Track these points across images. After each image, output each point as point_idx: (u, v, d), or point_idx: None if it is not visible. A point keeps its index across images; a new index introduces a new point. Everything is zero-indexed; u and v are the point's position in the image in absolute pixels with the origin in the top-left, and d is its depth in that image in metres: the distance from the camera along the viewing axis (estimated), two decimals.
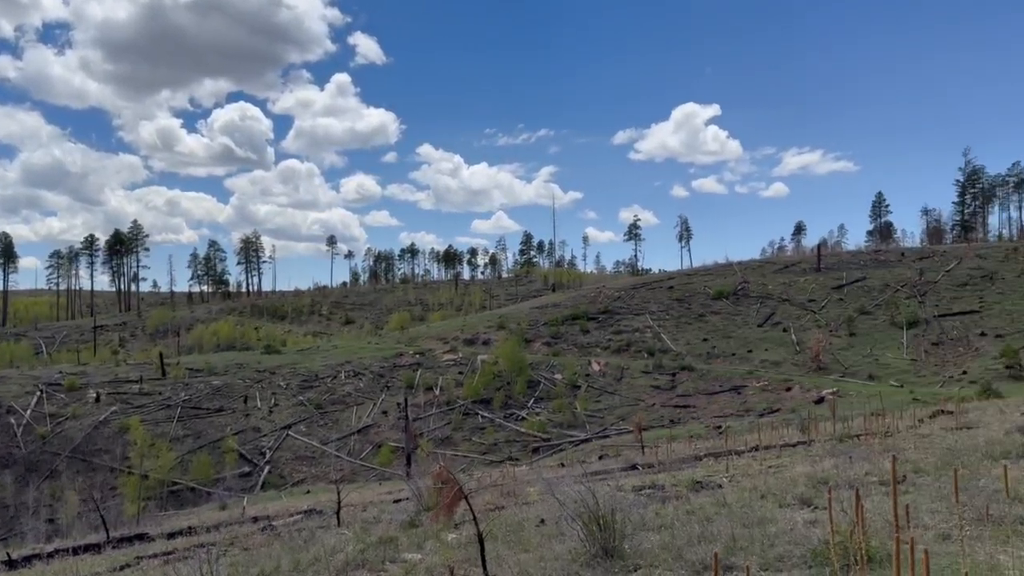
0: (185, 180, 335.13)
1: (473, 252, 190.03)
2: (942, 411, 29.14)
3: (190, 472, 50.07)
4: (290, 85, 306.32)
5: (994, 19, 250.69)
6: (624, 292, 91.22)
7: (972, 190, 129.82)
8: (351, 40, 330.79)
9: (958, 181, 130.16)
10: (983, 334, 65.63)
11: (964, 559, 6.47)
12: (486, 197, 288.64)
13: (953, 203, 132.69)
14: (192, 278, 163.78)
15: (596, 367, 67.79)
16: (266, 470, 52.10)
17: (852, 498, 8.75)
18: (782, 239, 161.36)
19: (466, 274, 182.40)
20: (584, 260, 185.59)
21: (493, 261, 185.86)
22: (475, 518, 8.06)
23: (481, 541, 8.04)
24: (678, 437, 40.49)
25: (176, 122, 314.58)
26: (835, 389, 54.59)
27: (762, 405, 54.67)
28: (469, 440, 56.07)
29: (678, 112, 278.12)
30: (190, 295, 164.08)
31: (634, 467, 24.56)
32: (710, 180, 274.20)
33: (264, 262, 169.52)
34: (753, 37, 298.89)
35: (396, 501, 23.31)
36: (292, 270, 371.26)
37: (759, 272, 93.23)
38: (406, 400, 53.69)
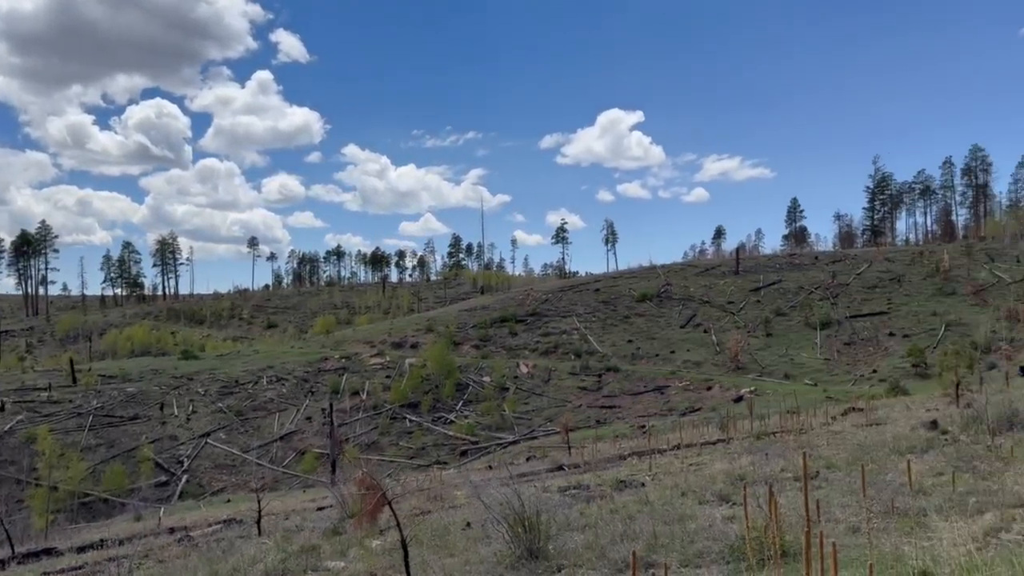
0: (97, 179, 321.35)
1: (401, 254, 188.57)
2: (853, 408, 30.43)
3: (103, 483, 47.91)
4: (209, 82, 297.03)
5: (901, 35, 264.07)
6: (552, 295, 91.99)
7: (881, 196, 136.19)
8: (273, 37, 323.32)
9: (868, 188, 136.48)
10: (891, 334, 68.87)
11: (871, 551, 6.75)
12: (414, 199, 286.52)
13: (863, 209, 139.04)
14: (105, 281, 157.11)
15: (524, 369, 68.13)
16: (184, 479, 50.33)
17: (768, 494, 9.02)
18: (703, 243, 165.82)
19: (394, 277, 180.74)
20: (513, 263, 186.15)
21: (421, 263, 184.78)
22: (399, 524, 7.96)
23: (405, 547, 7.95)
24: (604, 437, 41.04)
25: (88, 118, 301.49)
26: (753, 388, 56.36)
27: (684, 404, 55.96)
28: (396, 445, 55.49)
29: (603, 118, 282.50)
30: (103, 299, 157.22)
31: (561, 468, 24.77)
32: (634, 185, 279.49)
33: (181, 264, 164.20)
34: (675, 46, 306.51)
35: (320, 509, 22.85)
36: (211, 273, 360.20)
37: (681, 275, 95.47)
38: (331, 405, 52.74)
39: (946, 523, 7.44)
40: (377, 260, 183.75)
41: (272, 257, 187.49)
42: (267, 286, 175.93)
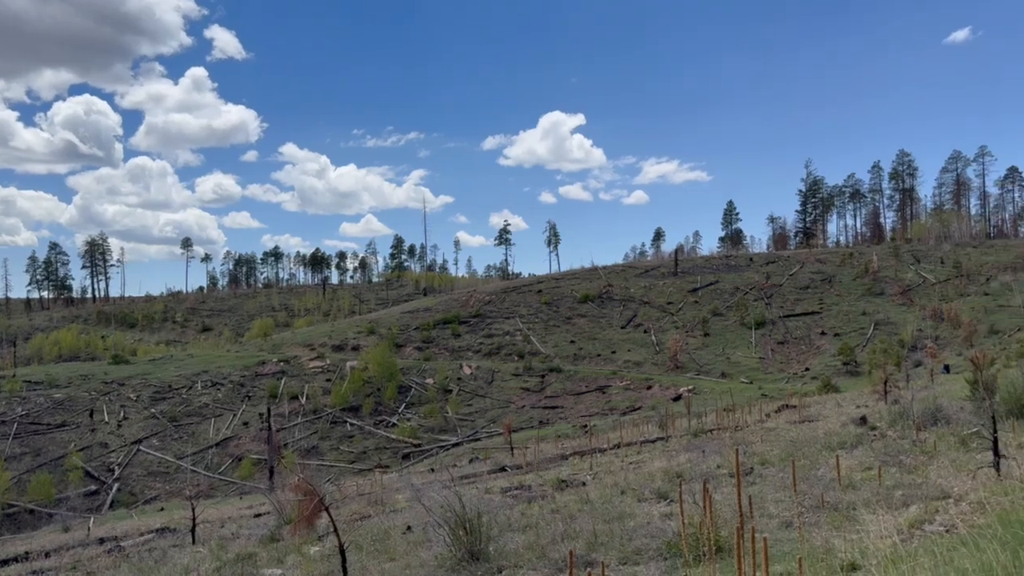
0: (22, 177, 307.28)
1: (342, 256, 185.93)
2: (787, 405, 31.28)
3: (28, 493, 45.87)
4: (141, 78, 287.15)
5: (831, 43, 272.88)
6: (495, 296, 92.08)
7: (813, 200, 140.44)
8: (208, 33, 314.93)
9: (800, 191, 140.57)
10: (823, 333, 71.07)
11: (803, 545, 6.94)
12: (355, 199, 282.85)
13: (796, 211, 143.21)
14: (31, 283, 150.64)
15: (468, 370, 67.99)
16: (115, 488, 48.62)
17: (704, 491, 9.18)
18: (643, 244, 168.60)
19: (334, 278, 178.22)
20: (456, 264, 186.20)
21: (363, 265, 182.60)
22: (336, 529, 7.83)
23: (342, 552, 7.83)
24: (546, 437, 41.25)
25: (11, 114, 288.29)
26: (691, 387, 57.43)
27: (625, 403, 56.69)
28: (337, 449, 54.70)
29: (545, 120, 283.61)
30: (28, 302, 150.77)
31: (503, 469, 24.80)
32: (576, 187, 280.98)
33: (112, 266, 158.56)
34: (615, 49, 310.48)
35: (257, 516, 22.38)
36: (143, 275, 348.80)
37: (622, 276, 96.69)
38: (269, 410, 51.65)
39: (874, 516, 7.69)
40: (317, 261, 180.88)
41: (207, 258, 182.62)
42: (202, 288, 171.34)
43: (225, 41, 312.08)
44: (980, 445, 11.49)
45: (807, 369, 62.52)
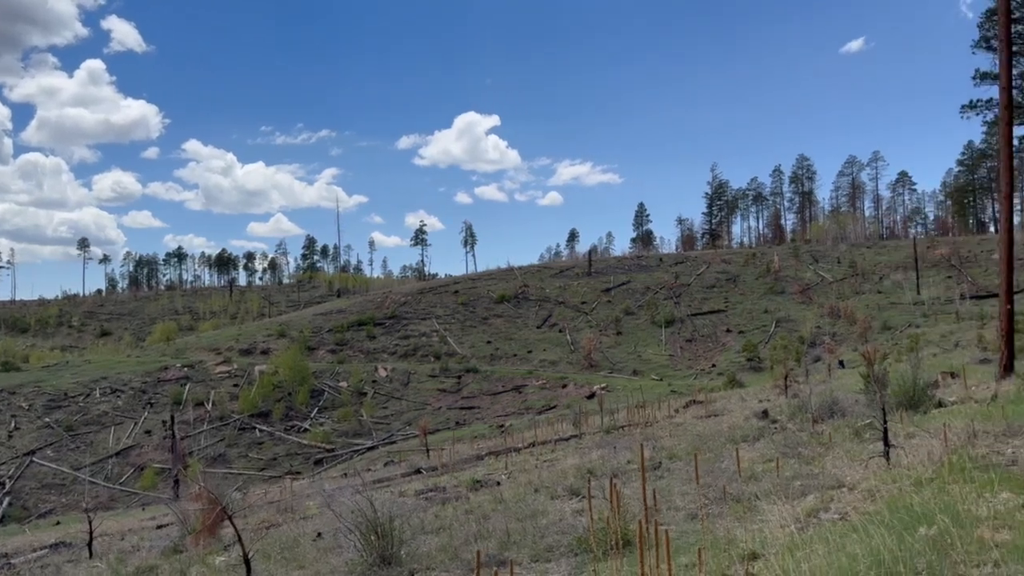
0: None
1: (250, 256, 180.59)
2: (694, 401, 32.24)
3: None
4: (32, 70, 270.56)
5: (734, 49, 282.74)
6: (411, 297, 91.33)
7: (718, 202, 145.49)
8: (105, 24, 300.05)
9: (706, 194, 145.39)
10: (728, 331, 73.65)
11: (706, 536, 7.14)
12: (264, 198, 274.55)
13: (703, 213, 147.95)
14: None
15: (383, 373, 67.17)
16: (5, 502, 45.70)
17: (618, 487, 9.34)
18: (558, 245, 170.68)
19: (242, 280, 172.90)
20: (371, 265, 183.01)
21: (273, 266, 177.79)
22: (239, 538, 7.57)
23: (247, 561, 7.58)
24: (463, 438, 41.21)
25: None
26: (604, 385, 58.50)
27: (541, 403, 57.22)
28: (246, 456, 53.06)
29: (460, 120, 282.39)
30: None
31: (419, 471, 24.60)
32: (491, 188, 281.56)
33: (2, 268, 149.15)
34: (528, 51, 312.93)
35: (160, 527, 21.47)
36: (36, 277, 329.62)
37: (538, 276, 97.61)
38: (173, 417, 49.63)
39: (773, 506, 7.99)
40: (223, 262, 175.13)
41: (105, 259, 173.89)
42: (100, 291, 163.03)
43: (124, 33, 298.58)
44: (872, 436, 12.12)
45: (714, 365, 64.62)
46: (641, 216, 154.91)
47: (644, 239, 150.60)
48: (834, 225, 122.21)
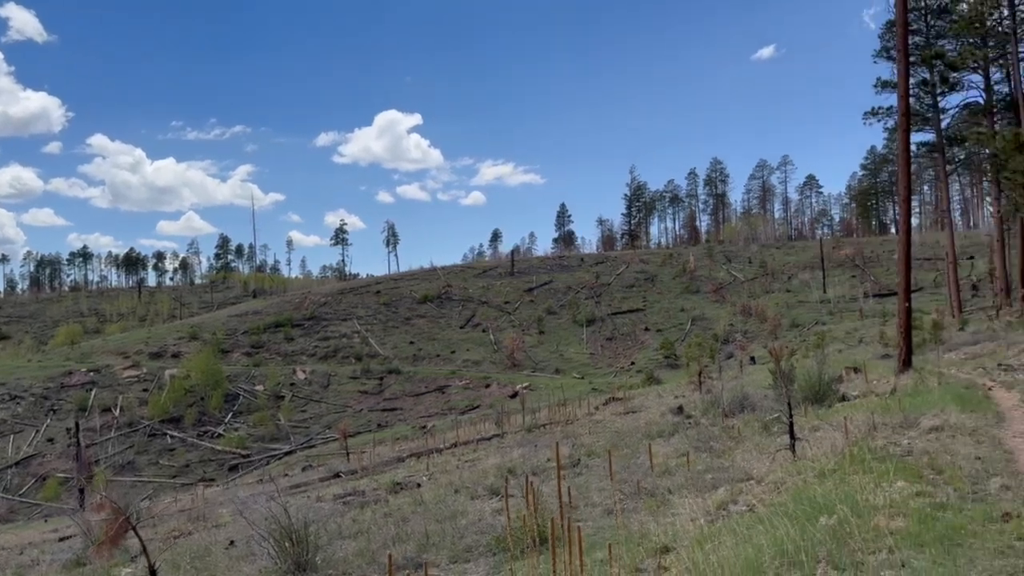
0: None
1: (160, 256, 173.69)
2: (614, 398, 32.82)
3: None
4: None
5: (651, 53, 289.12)
6: (331, 297, 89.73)
7: (637, 203, 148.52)
8: (3, 12, 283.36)
9: (626, 195, 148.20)
10: (647, 329, 75.28)
11: (620, 531, 7.27)
12: (175, 196, 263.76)
13: (622, 214, 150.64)
14: None
15: (301, 375, 65.75)
16: None
17: (536, 485, 9.40)
18: (481, 245, 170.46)
19: (152, 280, 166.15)
20: (289, 265, 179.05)
21: (184, 266, 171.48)
22: (144, 549, 7.27)
23: (153, 573, 7.28)
24: (384, 440, 40.76)
25: None
26: (527, 384, 58.91)
27: (464, 403, 57.15)
28: (156, 464, 51.04)
29: (381, 118, 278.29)
30: None
31: (338, 475, 24.19)
32: (414, 187, 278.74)
33: None
34: (449, 50, 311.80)
35: (63, 539, 20.45)
36: None
37: (461, 276, 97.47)
38: (77, 424, 47.26)
39: (686, 500, 8.19)
40: (132, 262, 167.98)
41: (4, 260, 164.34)
42: None
43: (23, 21, 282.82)
44: (780, 429, 12.58)
45: (633, 363, 65.92)
46: (563, 217, 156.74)
47: (566, 239, 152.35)
48: (746, 226, 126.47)
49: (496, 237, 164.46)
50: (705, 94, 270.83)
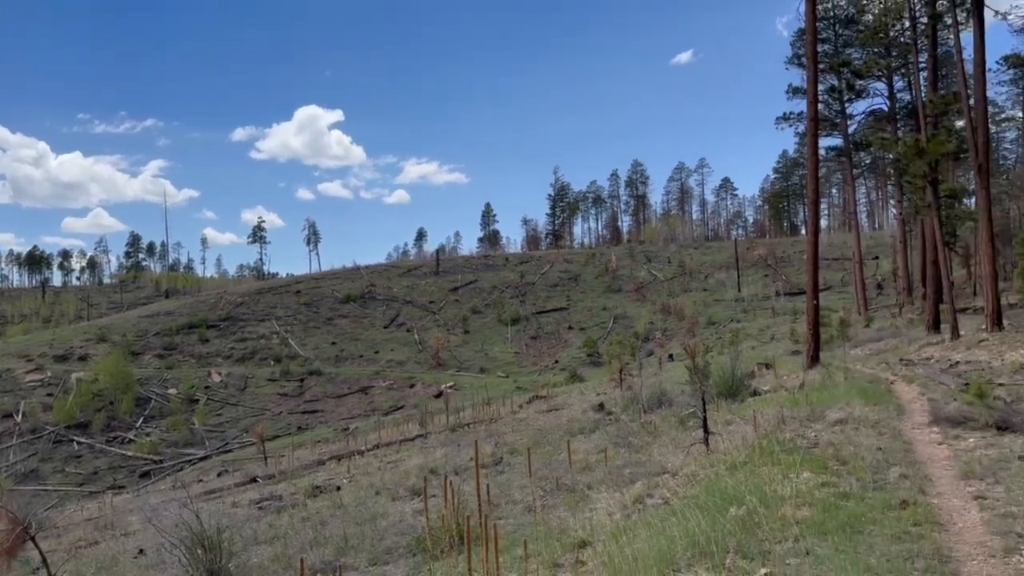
0: None
1: (66, 254, 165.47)
2: (537, 396, 33.09)
3: None
4: None
5: (574, 54, 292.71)
6: (249, 297, 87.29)
7: (561, 204, 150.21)
8: None
9: (549, 195, 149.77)
10: (571, 328, 76.19)
11: (539, 527, 7.32)
12: (81, 191, 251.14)
13: (546, 214, 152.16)
14: None
15: (217, 378, 63.74)
16: None
17: (458, 485, 9.38)
18: (406, 244, 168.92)
19: (57, 280, 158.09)
20: (203, 264, 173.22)
21: (92, 265, 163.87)
22: (44, 561, 6.91)
23: None
24: (304, 443, 39.94)
25: None
26: (452, 383, 58.76)
27: (388, 404, 56.53)
28: (62, 471, 48.56)
29: (301, 114, 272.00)
30: None
31: (254, 480, 23.56)
32: (336, 184, 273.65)
33: None
34: (371, 45, 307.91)
35: None
36: None
37: (385, 276, 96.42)
38: None
39: (604, 495, 8.33)
40: (35, 261, 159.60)
41: None
42: None
43: None
44: (695, 424, 12.92)
45: (556, 362, 66.61)
46: (488, 216, 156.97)
47: (491, 239, 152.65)
48: (665, 227, 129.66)
49: (421, 236, 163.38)
50: (626, 97, 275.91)
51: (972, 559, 5.52)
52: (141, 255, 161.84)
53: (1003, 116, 67.93)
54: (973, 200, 38.38)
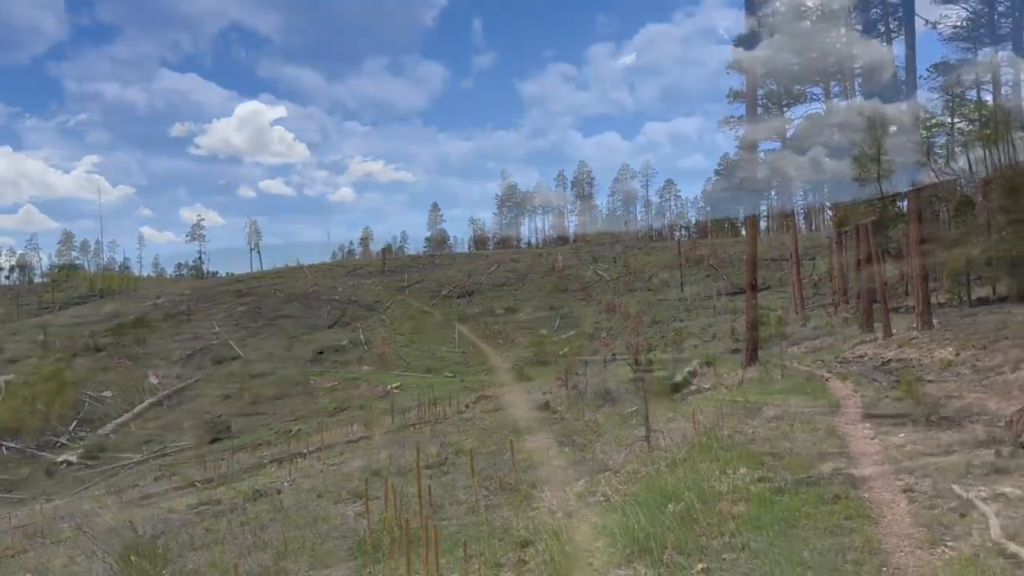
0: None
1: None
2: (484, 396, 33.06)
3: None
4: None
5: (520, 54, 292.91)
6: (188, 297, 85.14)
7: (508, 204, 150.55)
8: None
9: (497, 196, 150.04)
10: (518, 327, 76.36)
11: (482, 528, 7.32)
12: (10, 187, 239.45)
13: (494, 214, 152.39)
14: None
15: (155, 380, 61.96)
16: None
17: (401, 486, 9.31)
18: (351, 244, 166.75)
19: None
20: (140, 263, 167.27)
21: (22, 264, 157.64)
22: None
23: None
24: (245, 446, 39.09)
25: None
26: (398, 384, 58.24)
27: (332, 404, 55.73)
28: None
29: (242, 109, 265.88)
30: None
31: (193, 484, 22.96)
32: (278, 182, 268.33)
33: None
34: (313, 40, 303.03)
35: None
36: None
37: (330, 275, 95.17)
38: None
39: (547, 494, 8.37)
40: None
41: None
42: None
43: None
44: (638, 421, 13.10)
45: (504, 361, 66.69)
46: (435, 216, 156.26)
47: (438, 239, 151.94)
48: (611, 228, 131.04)
49: (367, 236, 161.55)
50: (573, 97, 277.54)
51: (900, 550, 5.71)
52: (74, 254, 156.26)
53: (933, 122, 70.52)
54: (905, 203, 39.79)
